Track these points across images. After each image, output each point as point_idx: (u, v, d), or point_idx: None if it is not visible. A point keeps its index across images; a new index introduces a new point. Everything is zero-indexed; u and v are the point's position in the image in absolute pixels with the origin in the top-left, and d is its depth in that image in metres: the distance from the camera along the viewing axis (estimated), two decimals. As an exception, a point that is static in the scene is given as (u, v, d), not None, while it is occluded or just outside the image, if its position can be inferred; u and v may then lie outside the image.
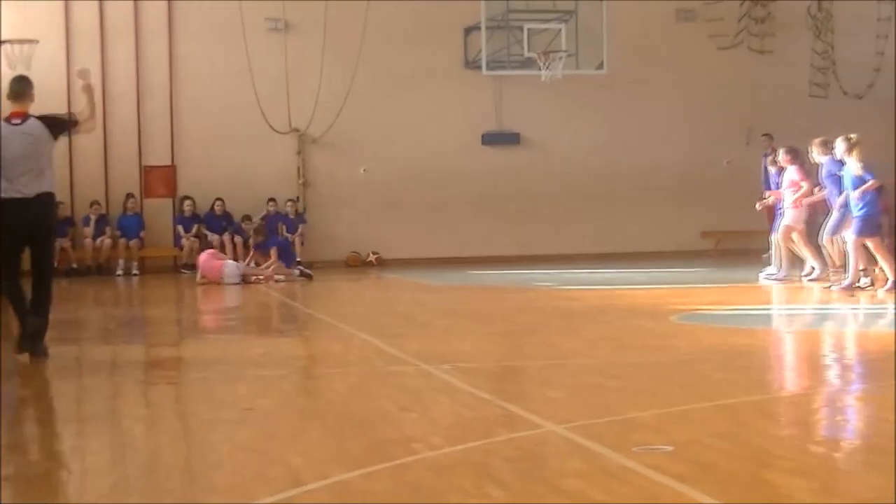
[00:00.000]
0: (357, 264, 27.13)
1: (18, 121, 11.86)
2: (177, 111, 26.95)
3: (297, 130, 27.24)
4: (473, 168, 27.94)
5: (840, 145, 17.59)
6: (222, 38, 26.76)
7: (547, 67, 26.11)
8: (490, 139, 28.20)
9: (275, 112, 26.76)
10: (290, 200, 26.95)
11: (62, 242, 25.77)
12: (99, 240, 26.05)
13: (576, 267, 24.94)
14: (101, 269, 26.01)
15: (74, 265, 25.85)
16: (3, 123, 11.88)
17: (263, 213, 26.59)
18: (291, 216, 26.80)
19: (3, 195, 11.65)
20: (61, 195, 25.74)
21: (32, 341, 11.79)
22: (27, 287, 12.05)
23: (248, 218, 26.17)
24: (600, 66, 26.99)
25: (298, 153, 27.14)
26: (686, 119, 28.34)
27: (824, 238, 18.33)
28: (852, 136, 17.52)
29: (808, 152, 18.94)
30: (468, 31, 27.73)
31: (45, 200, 11.88)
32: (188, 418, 8.96)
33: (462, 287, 21.56)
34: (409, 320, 16.02)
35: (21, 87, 12.06)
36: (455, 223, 27.60)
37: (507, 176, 28.12)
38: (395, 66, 27.49)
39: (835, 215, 18.00)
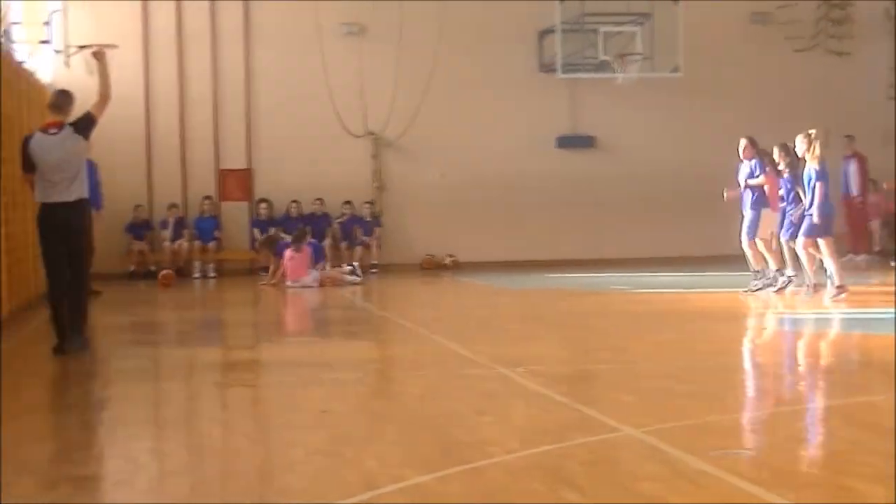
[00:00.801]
0: (432, 267, 27.15)
1: (55, 130, 12.55)
2: (253, 115, 27.11)
3: (372, 134, 27.31)
4: (548, 171, 27.86)
5: (800, 143, 17.17)
6: (298, 43, 26.88)
7: (622, 70, 26.03)
8: (564, 142, 28.12)
9: (350, 116, 26.88)
10: (366, 203, 27.04)
11: (140, 245, 26.05)
12: (177, 242, 26.24)
13: (649, 270, 24.81)
14: (178, 272, 26.19)
15: (152, 268, 26.05)
16: (39, 134, 12.65)
17: (341, 216, 26.75)
18: (367, 219, 26.91)
19: (42, 200, 12.51)
20: (140, 198, 26.17)
21: (70, 335, 12.44)
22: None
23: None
24: (675, 69, 26.87)
25: (374, 156, 27.21)
26: (761, 122, 28.03)
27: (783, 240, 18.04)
28: (811, 132, 17.15)
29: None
30: (543, 34, 27.69)
31: (81, 205, 12.54)
32: (264, 421, 8.99)
33: (535, 290, 21.50)
34: (483, 323, 15.99)
35: (61, 100, 12.95)
36: (529, 226, 27.53)
37: (581, 179, 28.02)
38: (470, 70, 27.50)
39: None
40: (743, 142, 18.88)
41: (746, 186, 18.58)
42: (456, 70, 27.27)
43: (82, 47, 24.18)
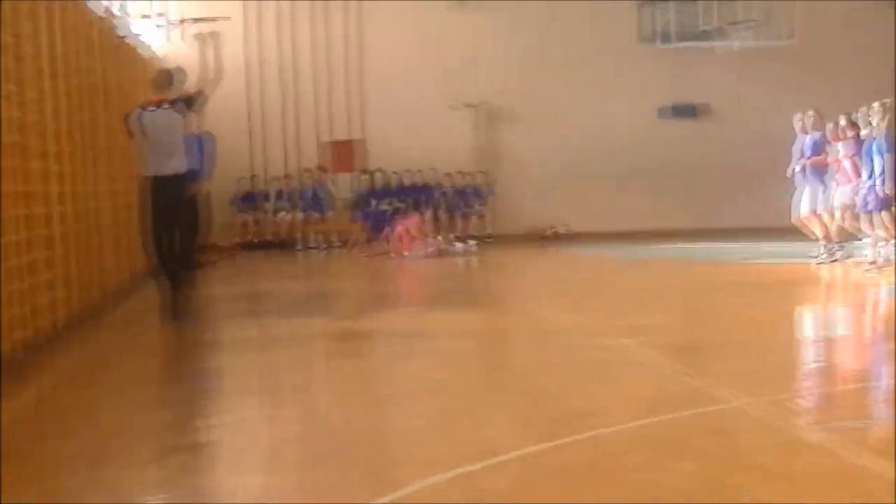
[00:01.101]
0: (541, 238, 27.08)
1: (154, 108, 13.22)
2: (363, 86, 27.19)
3: (480, 104, 27.26)
4: (650, 142, 27.65)
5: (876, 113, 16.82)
6: (407, 13, 26.92)
7: (725, 39, 25.72)
8: (669, 112, 27.87)
9: (458, 86, 26.89)
10: (479, 172, 27.05)
11: (246, 217, 26.25)
12: (284, 215, 26.38)
13: (761, 240, 24.51)
14: (283, 244, 26.38)
15: (258, 239, 26.27)
16: (139, 110, 13.33)
17: (448, 187, 26.83)
18: (476, 190, 26.89)
19: (146, 173, 13.19)
20: (247, 170, 26.38)
21: (178, 308, 13.14)
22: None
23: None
24: (787, 37, 26.43)
25: (481, 127, 27.17)
26: (875, 91, 27.55)
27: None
28: (886, 101, 16.77)
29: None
30: (646, 2, 27.41)
31: (179, 178, 13.14)
32: (377, 390, 9.01)
33: (645, 261, 21.36)
34: (594, 294, 15.92)
35: (163, 80, 13.72)
36: (635, 197, 27.35)
37: (687, 149, 27.77)
38: (576, 40, 27.36)
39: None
40: (812, 114, 18.69)
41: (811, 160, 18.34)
42: (562, 40, 27.16)
43: (196, 20, 24.54)
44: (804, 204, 18.42)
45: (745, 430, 7.08)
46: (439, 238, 23.49)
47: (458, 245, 23.34)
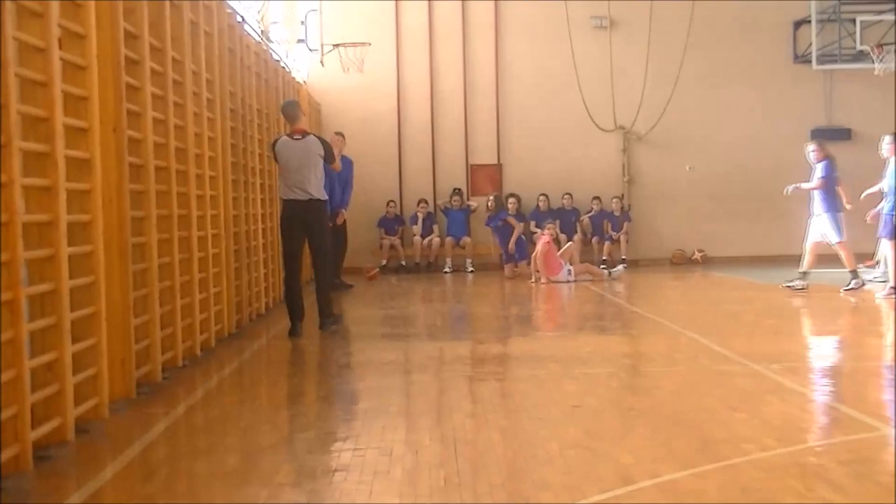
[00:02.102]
0: (682, 262, 26.92)
1: (299, 136, 14.27)
2: (502, 109, 27.28)
3: (622, 128, 27.21)
4: (802, 165, 27.27)
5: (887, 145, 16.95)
6: (547, 37, 26.98)
7: (881, 60, 25.35)
8: (820, 135, 27.47)
9: (600, 109, 26.86)
10: (615, 198, 26.97)
11: (392, 240, 26.49)
12: (427, 238, 26.58)
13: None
14: (430, 267, 26.57)
15: (403, 262, 26.52)
16: (285, 138, 14.37)
17: (590, 211, 26.77)
18: (617, 214, 26.84)
19: (283, 197, 14.26)
20: (391, 194, 26.63)
21: (321, 319, 14.47)
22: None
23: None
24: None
25: (623, 151, 27.08)
26: None
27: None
28: None
29: None
30: (797, 24, 27.18)
31: (316, 203, 14.15)
32: (516, 414, 9.05)
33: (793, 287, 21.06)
34: (735, 319, 15.79)
35: (292, 110, 14.67)
36: (781, 221, 26.94)
37: (839, 173, 27.34)
38: (721, 62, 27.18)
39: None
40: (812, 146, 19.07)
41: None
42: (706, 62, 26.99)
43: (336, 45, 24.92)
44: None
45: (890, 459, 7.00)
46: (585, 263, 23.46)
47: (610, 268, 23.24)
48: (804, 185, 18.94)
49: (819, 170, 18.99)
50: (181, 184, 11.89)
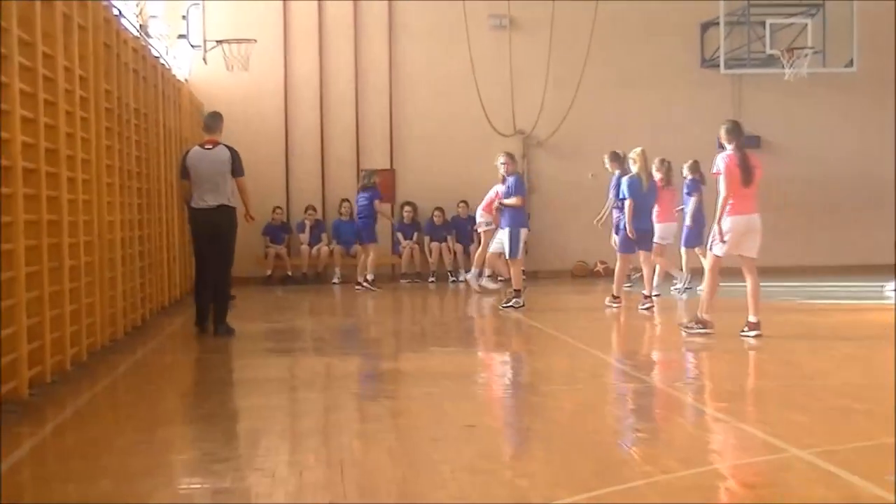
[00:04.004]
0: (584, 274, 27.08)
1: (210, 146, 15.77)
2: (396, 113, 27.28)
3: (521, 132, 27.35)
4: (709, 175, 27.59)
5: None
6: (443, 37, 27.04)
7: (791, 65, 25.75)
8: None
9: (498, 113, 26.97)
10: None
11: (277, 249, 26.36)
12: (315, 247, 26.52)
13: (820, 280, 24.47)
14: (317, 277, 26.51)
15: (290, 273, 26.42)
16: (197, 147, 15.96)
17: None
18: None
19: (193, 205, 15.70)
20: (278, 200, 26.51)
21: (217, 325, 15.62)
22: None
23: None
24: (849, 64, 26.51)
25: (523, 157, 27.18)
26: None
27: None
28: None
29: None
30: (705, 26, 27.50)
31: (224, 210, 15.58)
32: (407, 435, 9.06)
33: (695, 301, 21.29)
34: (640, 334, 15.94)
35: (214, 122, 16.15)
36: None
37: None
38: (626, 65, 27.42)
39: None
40: None
41: None
42: (611, 65, 27.21)
43: (220, 42, 24.80)
44: None
45: (797, 482, 7.11)
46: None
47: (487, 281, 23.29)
48: (506, 201, 19.34)
49: (512, 183, 19.36)
50: (52, 187, 11.75)
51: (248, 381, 12.26)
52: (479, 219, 22.97)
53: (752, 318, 14.68)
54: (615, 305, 19.19)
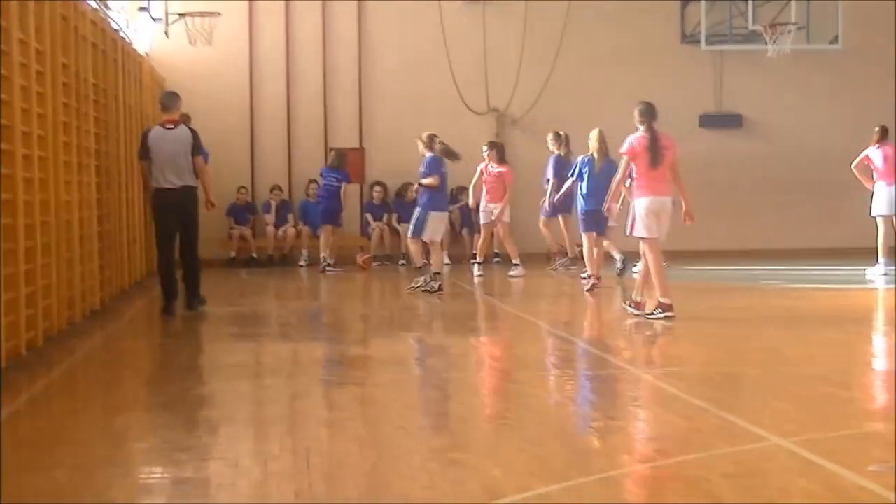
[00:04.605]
0: (559, 256, 27.07)
1: (171, 126, 16.36)
2: (365, 89, 27.22)
3: (495, 110, 27.33)
4: (689, 153, 27.54)
5: None
6: (415, 10, 26.96)
7: (774, 42, 25.78)
8: (709, 121, 27.91)
9: (471, 91, 26.93)
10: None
11: (242, 230, 26.27)
12: (281, 228, 26.44)
13: (804, 263, 24.56)
14: (283, 260, 26.45)
15: (254, 255, 26.35)
16: (158, 127, 16.49)
17: (458, 201, 26.73)
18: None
19: (157, 185, 16.21)
20: (242, 179, 26.44)
21: (188, 297, 16.41)
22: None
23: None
24: (834, 41, 26.56)
25: (497, 135, 27.14)
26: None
27: None
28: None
29: None
30: (686, 2, 27.51)
31: (188, 190, 16.25)
32: (377, 423, 9.05)
33: (675, 285, 21.34)
34: (617, 320, 15.95)
35: (170, 101, 16.77)
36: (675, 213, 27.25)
37: (727, 162, 27.80)
38: (604, 41, 27.41)
39: None
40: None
41: None
42: (588, 41, 27.20)
43: (183, 15, 24.70)
44: None
45: (778, 471, 7.09)
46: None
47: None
48: (424, 181, 19.42)
49: (427, 163, 19.44)
50: (6, 165, 11.69)
51: (211, 367, 12.25)
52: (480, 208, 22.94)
53: (662, 299, 14.87)
54: (592, 287, 19.14)
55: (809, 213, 27.75)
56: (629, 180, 15.52)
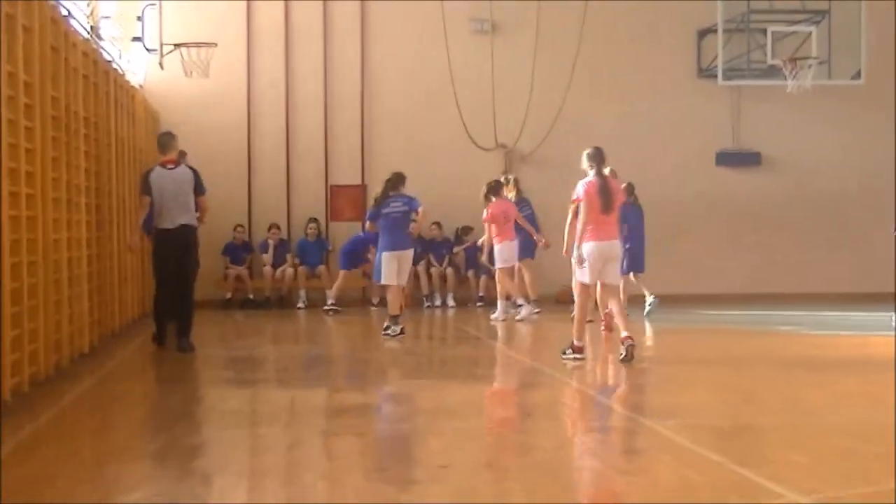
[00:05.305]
0: (568, 300, 26.93)
1: (172, 166, 17.12)
2: (368, 124, 27.28)
3: (503, 146, 27.36)
4: (706, 192, 27.71)
5: None
6: (420, 41, 27.05)
7: (794, 77, 25.82)
8: (726, 159, 27.94)
9: (478, 125, 26.94)
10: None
11: (238, 270, 26.25)
12: (279, 269, 26.41)
13: (826, 308, 24.53)
14: (281, 301, 26.44)
15: (251, 296, 26.33)
16: (158, 168, 17.14)
17: (464, 242, 26.72)
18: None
19: (160, 226, 16.91)
20: (239, 217, 26.46)
21: (180, 342, 16.84)
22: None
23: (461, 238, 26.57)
24: (857, 76, 26.59)
25: (504, 172, 27.11)
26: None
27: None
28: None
29: None
30: (702, 33, 27.58)
31: (187, 230, 17.02)
32: (376, 475, 9.03)
33: (690, 329, 21.37)
34: (627, 366, 15.93)
35: (168, 141, 17.50)
36: (683, 255, 27.30)
37: (746, 202, 27.81)
38: (617, 75, 27.48)
39: None
40: None
41: None
42: (600, 74, 27.26)
43: (178, 46, 24.76)
44: None
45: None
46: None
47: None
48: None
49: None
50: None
51: (204, 414, 12.23)
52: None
53: (577, 342, 15.62)
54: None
55: (830, 254, 27.72)
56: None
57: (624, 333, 15.35)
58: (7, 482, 8.78)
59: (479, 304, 24.87)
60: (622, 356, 15.17)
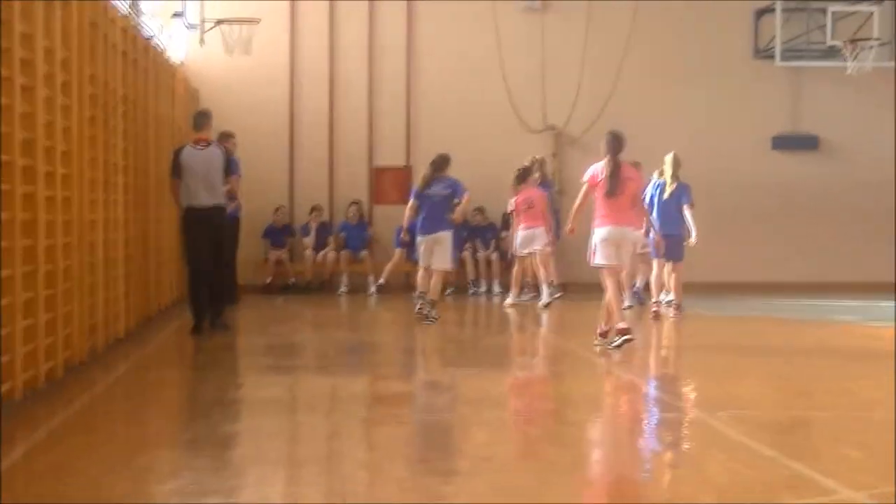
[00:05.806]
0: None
1: (203, 146, 17.32)
2: (413, 103, 27.26)
3: (553, 128, 27.31)
4: (762, 177, 27.58)
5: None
6: (468, 18, 26.97)
7: (854, 58, 25.68)
8: (782, 143, 27.81)
9: (527, 107, 26.91)
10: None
11: (278, 254, 26.26)
12: (321, 253, 26.42)
13: (885, 298, 24.39)
14: (322, 286, 26.42)
15: (293, 280, 26.35)
16: (189, 147, 17.36)
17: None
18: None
19: (188, 205, 17.14)
20: (280, 199, 26.47)
21: (211, 318, 17.16)
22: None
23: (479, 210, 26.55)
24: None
25: (554, 155, 27.13)
26: None
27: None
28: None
29: None
30: (759, 13, 27.46)
31: (219, 208, 17.28)
32: (417, 466, 9.05)
33: (745, 318, 21.30)
34: (679, 356, 15.93)
35: (203, 120, 17.77)
36: (738, 242, 27.20)
37: (803, 187, 27.68)
38: (671, 55, 27.36)
39: None
40: None
41: None
42: (654, 54, 27.15)
43: (219, 22, 24.80)
44: None
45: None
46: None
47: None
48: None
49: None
50: (27, 182, 11.74)
51: (241, 402, 12.27)
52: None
53: (620, 325, 15.71)
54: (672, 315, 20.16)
55: (889, 245, 27.52)
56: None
57: (619, 325, 15.62)
58: (38, 470, 8.86)
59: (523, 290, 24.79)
60: (612, 344, 15.45)
